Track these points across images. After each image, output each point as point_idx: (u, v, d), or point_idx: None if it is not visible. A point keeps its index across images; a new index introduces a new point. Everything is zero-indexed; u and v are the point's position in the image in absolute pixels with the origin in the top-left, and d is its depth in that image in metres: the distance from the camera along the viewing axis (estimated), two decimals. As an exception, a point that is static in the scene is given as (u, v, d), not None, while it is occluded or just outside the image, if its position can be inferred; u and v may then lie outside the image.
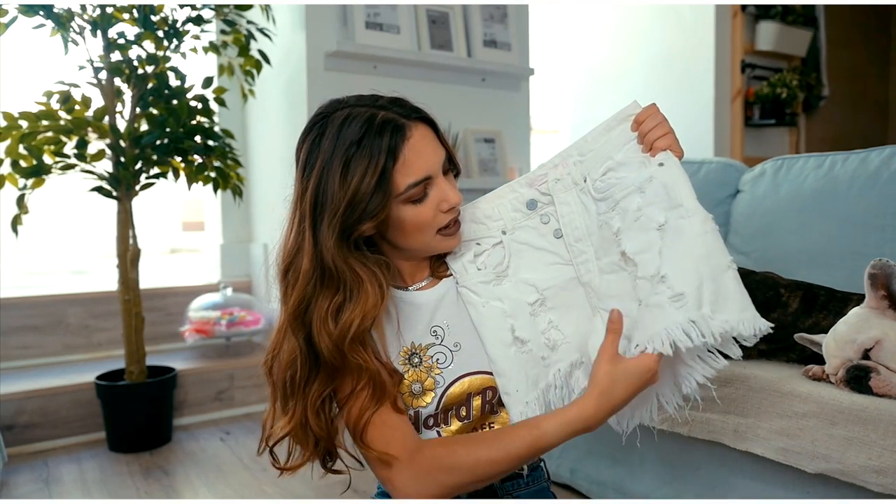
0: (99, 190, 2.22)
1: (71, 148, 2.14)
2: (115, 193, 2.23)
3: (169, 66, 2.26)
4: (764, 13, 3.82)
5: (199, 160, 2.30)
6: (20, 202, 2.08)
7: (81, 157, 2.15)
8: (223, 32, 2.52)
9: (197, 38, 2.37)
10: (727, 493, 1.38)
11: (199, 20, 2.31)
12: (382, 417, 0.87)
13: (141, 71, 2.22)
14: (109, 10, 2.15)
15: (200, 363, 2.61)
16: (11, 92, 2.73)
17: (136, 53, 2.21)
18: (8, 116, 2.05)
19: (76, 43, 2.17)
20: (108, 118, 2.22)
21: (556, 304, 0.95)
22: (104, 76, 2.21)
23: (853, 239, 1.60)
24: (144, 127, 2.26)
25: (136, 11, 2.19)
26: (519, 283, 0.96)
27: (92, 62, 2.18)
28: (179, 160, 2.29)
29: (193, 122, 2.28)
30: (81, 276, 4.47)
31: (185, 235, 6.34)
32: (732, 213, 1.92)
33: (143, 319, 2.30)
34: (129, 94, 2.25)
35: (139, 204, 2.31)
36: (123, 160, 2.17)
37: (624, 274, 0.90)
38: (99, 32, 2.17)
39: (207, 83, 2.36)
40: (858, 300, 1.26)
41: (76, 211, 5.34)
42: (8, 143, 2.04)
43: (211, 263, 3.24)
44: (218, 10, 2.39)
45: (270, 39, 2.53)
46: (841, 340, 1.18)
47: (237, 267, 3.15)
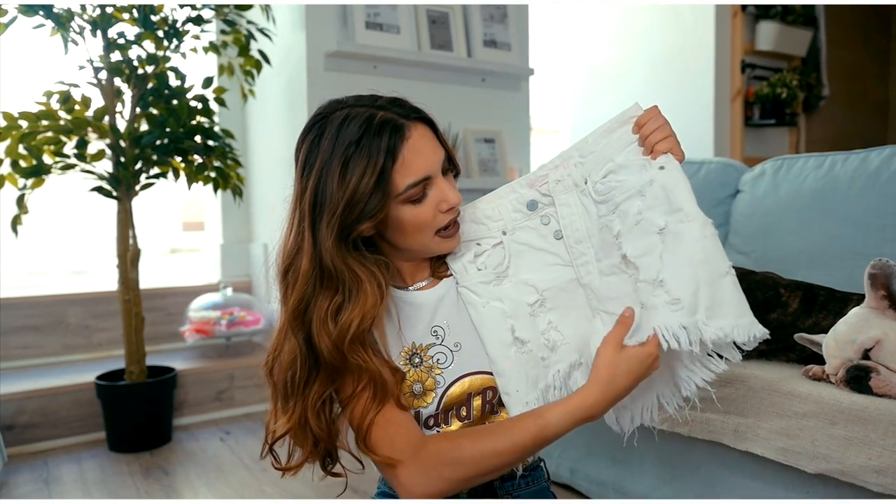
0: (99, 190, 2.22)
1: (71, 148, 2.15)
2: (115, 193, 2.23)
3: (169, 66, 2.27)
4: (764, 13, 3.82)
5: (199, 160, 2.30)
6: (20, 202, 2.08)
7: (81, 157, 2.15)
8: (223, 32, 2.52)
9: (197, 38, 2.37)
10: (727, 492, 1.38)
11: (199, 20, 2.31)
12: (386, 416, 0.87)
13: (141, 71, 2.22)
14: (109, 10, 2.15)
15: (200, 363, 2.61)
16: (11, 92, 2.73)
17: (136, 53, 2.21)
18: (8, 116, 2.05)
19: (76, 43, 2.18)
20: (108, 118, 2.22)
21: (555, 305, 0.95)
22: (104, 76, 2.21)
23: (853, 239, 1.60)
24: (144, 127, 2.26)
25: (136, 11, 2.19)
26: (519, 283, 0.96)
27: (92, 62, 2.18)
28: (179, 160, 2.29)
29: (193, 122, 2.28)
30: (81, 276, 4.47)
31: (185, 235, 6.34)
32: (732, 213, 1.92)
33: (143, 319, 2.30)
34: (129, 94, 2.25)
35: (139, 204, 2.31)
36: (123, 160, 2.17)
37: (624, 276, 0.90)
38: (99, 32, 2.17)
39: (207, 83, 2.36)
40: (858, 300, 1.26)
41: (76, 211, 5.34)
42: (8, 143, 2.04)
43: (211, 263, 3.25)
44: (218, 10, 2.39)
45: (270, 39, 2.53)
46: (841, 340, 1.18)
47: (237, 267, 3.15)
